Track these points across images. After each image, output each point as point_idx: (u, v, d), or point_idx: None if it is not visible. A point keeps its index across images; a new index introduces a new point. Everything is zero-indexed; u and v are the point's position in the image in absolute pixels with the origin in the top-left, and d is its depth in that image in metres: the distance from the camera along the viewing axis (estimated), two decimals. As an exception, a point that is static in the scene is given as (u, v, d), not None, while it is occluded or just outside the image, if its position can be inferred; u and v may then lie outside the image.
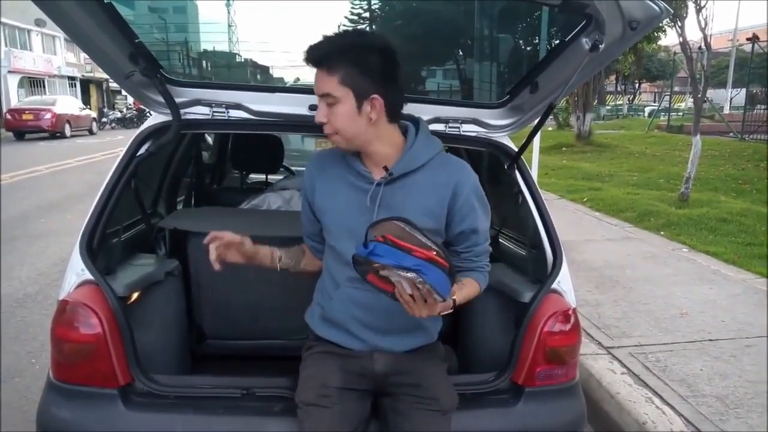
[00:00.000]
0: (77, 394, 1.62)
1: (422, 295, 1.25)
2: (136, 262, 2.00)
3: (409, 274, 1.22)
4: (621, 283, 4.32)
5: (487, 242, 1.61)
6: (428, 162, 1.52)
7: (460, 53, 3.90)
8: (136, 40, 1.74)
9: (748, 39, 15.25)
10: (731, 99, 22.54)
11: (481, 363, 2.02)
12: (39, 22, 28.86)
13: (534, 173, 5.89)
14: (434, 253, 1.25)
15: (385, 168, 1.51)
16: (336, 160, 1.58)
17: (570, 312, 1.75)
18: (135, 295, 1.82)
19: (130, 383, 1.65)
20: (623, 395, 2.67)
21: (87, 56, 1.81)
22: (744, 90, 17.34)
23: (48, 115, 19.69)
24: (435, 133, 2.01)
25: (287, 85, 3.34)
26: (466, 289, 1.53)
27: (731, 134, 15.07)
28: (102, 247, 1.78)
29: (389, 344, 1.56)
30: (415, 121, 1.59)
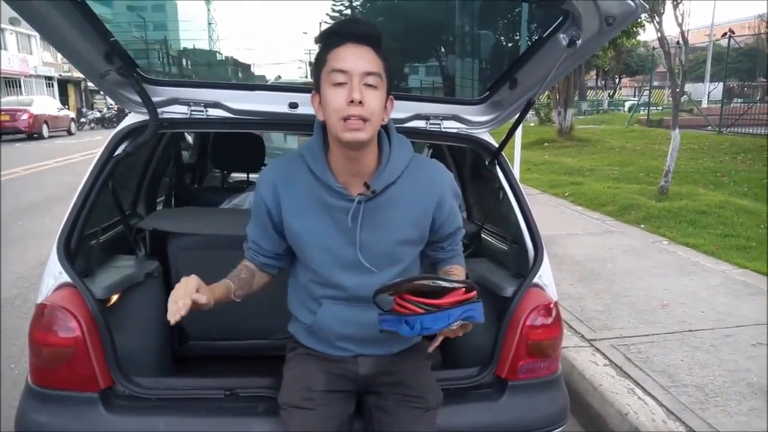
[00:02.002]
0: (57, 398, 1.60)
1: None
2: (115, 264, 1.98)
3: (456, 323, 1.21)
4: (602, 276, 4.37)
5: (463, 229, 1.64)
6: (405, 169, 1.42)
7: (441, 50, 3.91)
8: (112, 39, 1.71)
9: (724, 34, 15.48)
10: (709, 93, 22.87)
11: (464, 358, 2.03)
12: (13, 21, 28.33)
13: (516, 169, 5.94)
14: (463, 290, 1.22)
15: (366, 185, 1.38)
16: (300, 172, 1.41)
17: (551, 305, 1.77)
18: (115, 298, 1.80)
19: (111, 386, 1.63)
20: (606, 387, 2.70)
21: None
22: (721, 84, 17.60)
23: (25, 116, 19.33)
24: (416, 130, 2.03)
25: (268, 83, 3.32)
26: (458, 275, 1.56)
27: (709, 128, 15.28)
28: (80, 249, 1.75)
29: (374, 350, 1.55)
30: (386, 126, 1.45)
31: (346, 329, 1.49)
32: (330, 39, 1.32)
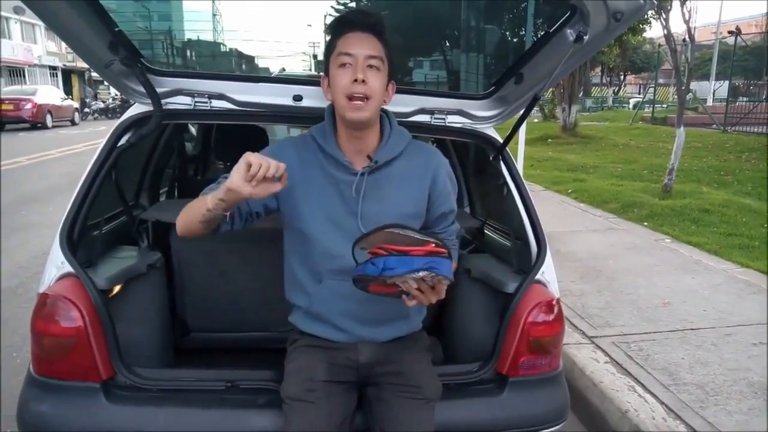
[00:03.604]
0: (58, 388, 1.60)
1: (429, 284, 1.29)
2: (117, 255, 1.98)
3: (421, 274, 1.25)
4: (604, 273, 4.37)
5: (457, 222, 1.69)
6: (404, 149, 1.55)
7: (447, 44, 3.89)
8: (116, 29, 1.70)
9: (730, 32, 15.39)
10: (714, 91, 22.76)
11: (465, 353, 2.03)
12: (18, 10, 28.29)
13: (520, 165, 5.92)
14: (433, 245, 1.28)
15: (369, 157, 1.51)
16: (310, 148, 1.54)
17: (553, 302, 1.76)
18: (117, 288, 1.80)
19: (113, 377, 1.63)
20: (606, 384, 2.70)
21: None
22: (727, 82, 17.51)
23: (28, 105, 19.31)
24: (421, 124, 2.02)
25: (272, 75, 3.31)
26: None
27: (714, 126, 15.23)
28: (83, 239, 1.75)
29: (373, 334, 1.57)
30: (385, 111, 1.60)
31: (345, 304, 1.53)
32: (339, 27, 1.47)
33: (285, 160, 1.39)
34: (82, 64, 33.26)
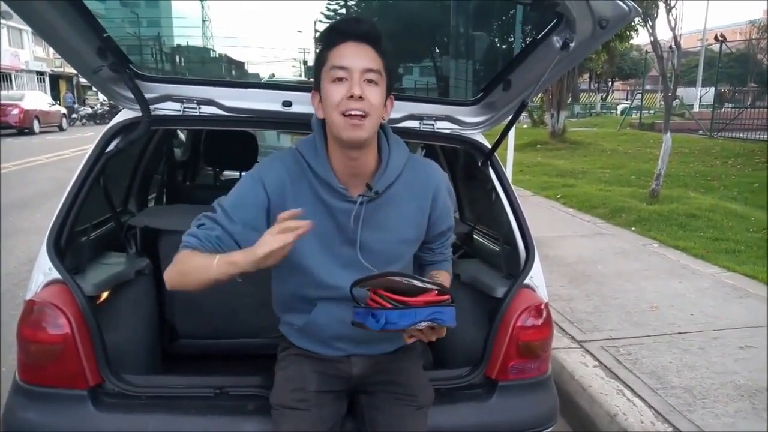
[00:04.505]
0: (45, 396, 1.59)
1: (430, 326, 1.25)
2: (105, 261, 1.97)
3: (423, 325, 1.21)
4: (593, 278, 4.40)
5: (452, 233, 1.64)
6: (403, 170, 1.43)
7: (435, 51, 3.92)
8: (105, 34, 1.70)
9: (716, 39, 15.60)
10: (701, 97, 23.05)
11: (455, 358, 2.03)
12: (5, 15, 27.99)
13: (509, 170, 5.96)
14: (435, 292, 1.22)
15: (368, 186, 1.39)
16: (300, 169, 1.40)
17: (542, 307, 1.77)
18: (105, 295, 1.79)
19: (100, 384, 1.62)
20: (595, 388, 2.72)
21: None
22: (713, 89, 17.74)
23: (15, 111, 19.13)
24: (410, 130, 2.03)
25: (261, 81, 3.31)
26: (444, 281, 1.55)
27: (701, 132, 15.41)
28: (70, 245, 1.74)
29: (367, 350, 1.55)
30: (382, 126, 1.46)
31: (341, 329, 1.45)
32: (331, 37, 1.34)
33: (273, 183, 1.38)
34: (69, 70, 33.02)
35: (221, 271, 1.24)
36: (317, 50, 1.40)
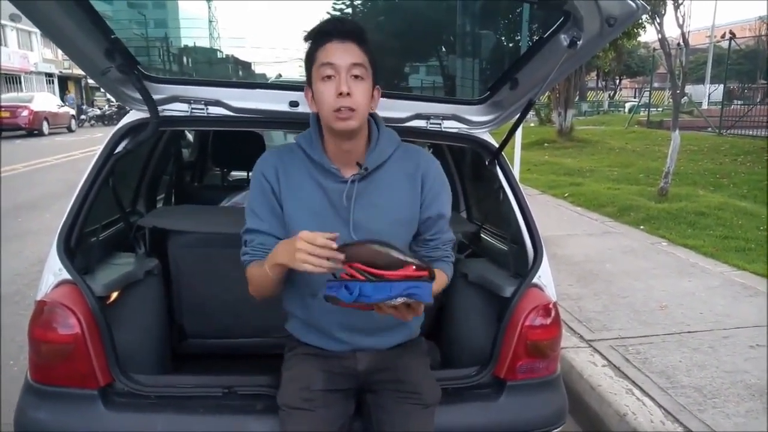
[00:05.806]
0: (56, 395, 1.60)
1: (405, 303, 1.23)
2: (115, 261, 1.98)
3: (398, 301, 1.18)
4: (601, 276, 4.38)
5: (451, 231, 1.63)
6: (393, 153, 1.52)
7: (442, 50, 3.91)
8: (113, 36, 1.71)
9: (723, 35, 15.48)
10: (709, 95, 22.89)
11: (463, 358, 2.03)
12: (14, 18, 28.30)
13: (516, 169, 5.94)
14: (413, 267, 1.21)
15: (358, 164, 1.48)
16: (295, 157, 1.51)
17: (550, 306, 1.77)
18: (114, 295, 1.80)
19: (110, 383, 1.63)
20: (604, 387, 2.71)
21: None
22: (722, 86, 17.60)
23: (25, 113, 19.27)
24: (417, 129, 2.03)
25: (268, 81, 3.32)
26: (437, 281, 1.53)
27: (709, 129, 15.30)
28: (80, 246, 1.75)
29: (371, 343, 1.56)
30: (372, 114, 1.55)
31: (343, 315, 1.47)
32: (318, 37, 1.43)
33: (269, 170, 1.49)
34: (78, 71, 33.27)
35: (276, 273, 1.37)
36: (306, 50, 1.48)
